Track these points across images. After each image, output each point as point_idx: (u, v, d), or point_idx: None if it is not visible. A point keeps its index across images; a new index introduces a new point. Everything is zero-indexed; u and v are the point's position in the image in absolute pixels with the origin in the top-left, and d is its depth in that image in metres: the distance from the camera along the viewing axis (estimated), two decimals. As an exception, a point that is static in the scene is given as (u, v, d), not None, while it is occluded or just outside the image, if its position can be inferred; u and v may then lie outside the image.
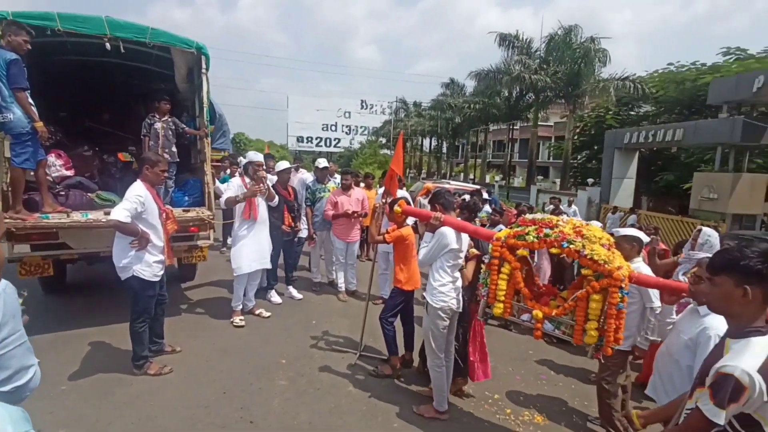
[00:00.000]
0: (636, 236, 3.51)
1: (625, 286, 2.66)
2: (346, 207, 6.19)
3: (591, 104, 24.88)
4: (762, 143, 13.47)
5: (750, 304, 1.53)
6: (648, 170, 20.08)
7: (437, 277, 3.34)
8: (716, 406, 1.48)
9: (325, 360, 4.45)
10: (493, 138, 45.00)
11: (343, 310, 6.05)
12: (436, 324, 3.34)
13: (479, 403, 3.95)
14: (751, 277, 1.51)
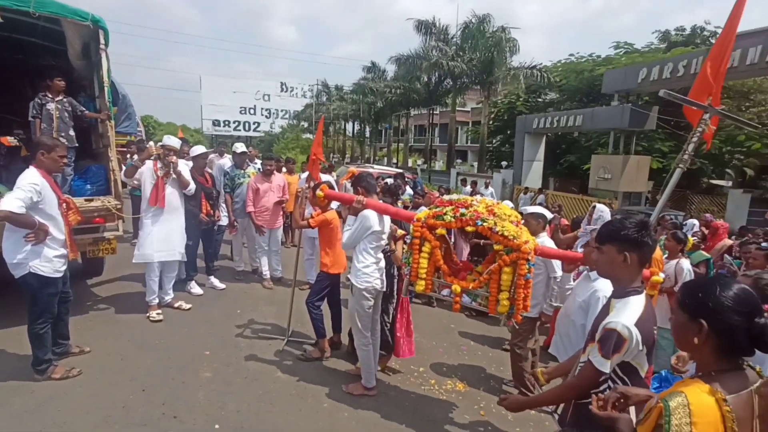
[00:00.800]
0: (541, 213, 3.86)
1: (531, 258, 2.93)
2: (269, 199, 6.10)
3: (503, 91, 26.33)
4: (646, 128, 15.24)
5: (629, 268, 1.79)
6: (554, 153, 21.85)
7: (361, 259, 3.43)
8: (603, 357, 1.73)
9: (252, 348, 4.39)
10: (415, 122, 45.99)
11: (268, 297, 5.95)
12: (362, 304, 3.44)
13: (405, 377, 4.16)
14: (630, 245, 1.77)
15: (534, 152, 19.51)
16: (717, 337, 1.24)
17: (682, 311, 1.33)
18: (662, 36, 21.73)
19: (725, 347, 1.25)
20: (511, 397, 2.05)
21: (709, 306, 1.25)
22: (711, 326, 1.24)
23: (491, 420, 3.59)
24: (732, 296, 1.24)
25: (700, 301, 1.28)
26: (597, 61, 21.36)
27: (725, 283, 1.29)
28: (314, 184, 3.90)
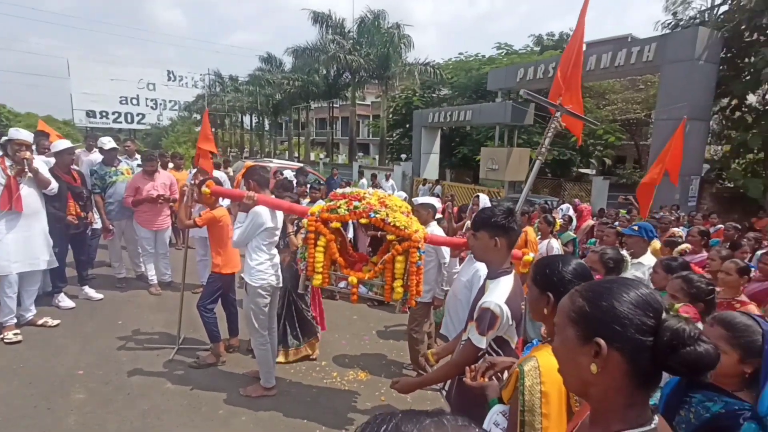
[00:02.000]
0: (430, 204, 4.06)
1: (421, 246, 3.08)
2: (150, 192, 5.54)
3: (400, 86, 27.18)
4: (525, 123, 16.82)
5: (499, 252, 1.97)
6: (449, 146, 23.17)
7: (254, 257, 3.31)
8: (480, 335, 1.88)
9: (136, 362, 4.01)
10: (316, 116, 45.45)
11: (156, 304, 5.48)
12: (257, 303, 3.33)
13: (307, 372, 4.13)
14: (499, 230, 1.94)
15: (431, 145, 20.47)
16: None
17: (534, 286, 1.50)
18: (536, 40, 24.13)
19: None
20: (402, 380, 2.15)
21: (553, 280, 1.43)
22: (556, 297, 1.41)
23: (391, 403, 3.72)
24: (570, 270, 1.44)
25: (547, 276, 1.45)
26: (482, 60, 23.05)
27: (566, 260, 1.48)
28: (199, 180, 3.65)
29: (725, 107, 13.90)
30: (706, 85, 11.72)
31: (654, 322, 0.82)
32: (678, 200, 11.22)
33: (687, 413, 1.70)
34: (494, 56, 23.01)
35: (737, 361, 1.59)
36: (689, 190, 11.95)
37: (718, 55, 11.92)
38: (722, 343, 1.61)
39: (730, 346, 1.60)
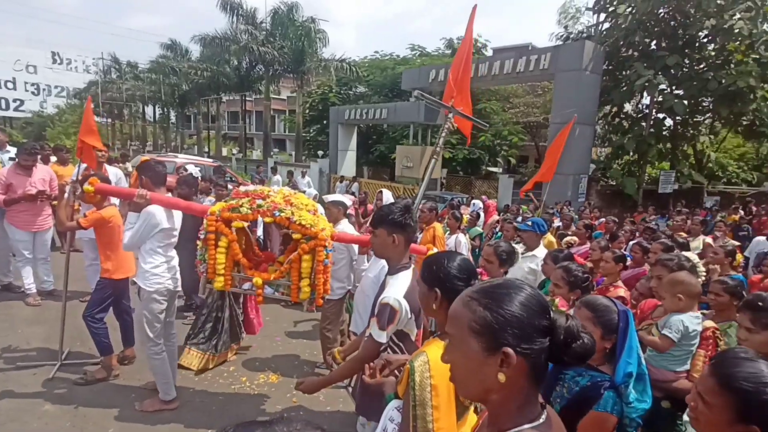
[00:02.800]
0: (341, 201, 4.07)
1: (328, 244, 3.07)
2: (27, 189, 4.88)
3: (317, 82, 26.82)
4: (438, 122, 17.52)
5: (398, 248, 2.03)
6: (366, 143, 23.39)
7: (149, 260, 3.07)
8: (380, 330, 1.92)
9: (6, 383, 3.52)
10: (228, 109, 43.23)
11: (34, 316, 4.86)
12: (152, 309, 3.09)
13: (213, 380, 3.93)
14: (396, 227, 2.00)
15: (347, 142, 20.50)
16: (448, 301, 1.40)
17: (422, 282, 1.56)
18: (447, 43, 25.17)
19: None
20: (306, 380, 2.12)
21: (440, 276, 1.50)
22: (443, 293, 1.48)
23: (304, 404, 3.68)
24: (455, 266, 1.52)
25: (434, 272, 1.52)
26: (397, 60, 23.58)
27: (451, 257, 1.57)
28: (82, 177, 3.29)
29: (607, 114, 15.66)
30: (592, 93, 13.11)
31: (548, 322, 0.86)
32: (570, 196, 12.44)
33: (561, 388, 1.89)
34: (408, 57, 23.65)
35: (600, 338, 1.80)
36: (579, 187, 13.30)
37: (601, 67, 13.39)
38: (588, 322, 1.82)
39: (593, 325, 1.80)
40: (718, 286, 3.00)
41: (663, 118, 14.69)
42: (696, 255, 4.06)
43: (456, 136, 20.38)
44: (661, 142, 14.64)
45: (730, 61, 12.87)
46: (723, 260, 4.55)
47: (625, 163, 15.67)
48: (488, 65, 14.37)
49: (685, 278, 2.45)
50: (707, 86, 12.55)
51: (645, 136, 13.72)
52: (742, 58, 12.62)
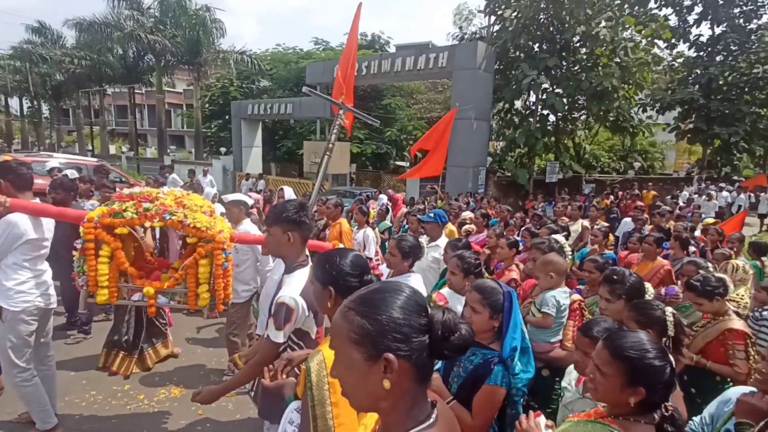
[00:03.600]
0: (241, 200, 3.91)
1: (227, 247, 2.93)
2: None
3: (216, 74, 25.32)
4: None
5: (293, 246, 2.00)
6: (272, 139, 22.65)
7: (13, 276, 2.67)
8: (277, 330, 1.88)
9: None
10: (114, 102, 39.11)
11: None
12: (18, 331, 2.70)
13: (105, 402, 3.57)
14: (291, 225, 1.97)
15: (252, 138, 19.69)
16: (342, 299, 1.47)
17: (315, 281, 1.57)
18: (352, 38, 25.28)
19: None
20: (203, 390, 2.02)
21: (333, 274, 1.52)
22: (336, 291, 1.50)
23: (211, 416, 3.50)
24: (348, 263, 1.55)
25: (326, 271, 1.54)
26: (300, 54, 23.13)
27: (343, 254, 1.59)
28: None
29: (500, 110, 16.92)
30: (486, 90, 14.06)
31: (426, 320, 0.86)
32: (470, 188, 13.27)
33: (458, 369, 2.03)
34: (312, 51, 23.30)
35: (488, 318, 1.96)
36: (478, 179, 14.22)
37: (493, 66, 14.40)
38: (477, 304, 1.97)
39: (482, 306, 1.95)
40: (590, 264, 3.41)
41: (547, 114, 16.26)
42: (562, 237, 4.53)
43: (363, 131, 20.63)
44: (547, 136, 16.19)
45: (598, 64, 14.62)
46: (599, 240, 5.16)
47: (517, 156, 17.08)
48: (391, 62, 14.70)
49: (555, 258, 2.77)
50: (581, 86, 14.14)
51: (533, 131, 15.07)
52: (607, 62, 14.42)
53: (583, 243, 6.12)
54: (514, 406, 1.96)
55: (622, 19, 14.36)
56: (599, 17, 13.81)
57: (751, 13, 20.83)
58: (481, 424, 1.86)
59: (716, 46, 20.89)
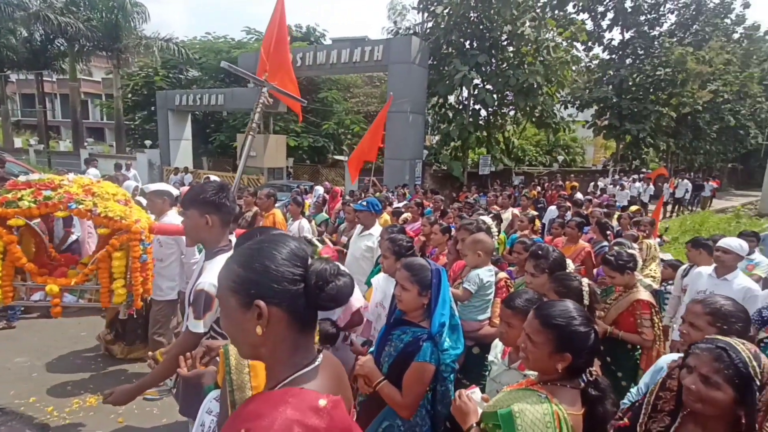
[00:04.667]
0: (165, 190, 3.65)
1: (146, 238, 2.73)
2: None
3: (139, 63, 23.57)
4: (279, 110, 17.07)
5: (213, 230, 1.89)
6: (204, 132, 21.52)
7: None
8: (196, 319, 1.77)
9: None
10: (20, 90, 35.12)
11: None
12: None
13: (5, 418, 3.20)
14: (209, 207, 1.86)
15: (181, 131, 18.59)
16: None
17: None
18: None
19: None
20: (116, 390, 1.86)
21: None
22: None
23: (133, 423, 3.26)
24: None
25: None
26: (232, 43, 22.14)
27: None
28: None
29: (435, 105, 17.30)
30: (421, 85, 14.29)
31: (302, 270, 0.88)
32: (408, 180, 13.46)
33: (389, 347, 2.03)
34: (244, 41, 22.37)
35: (417, 294, 1.97)
36: (415, 171, 14.46)
37: (426, 61, 14.67)
38: (406, 282, 1.97)
39: (411, 283, 1.96)
40: (519, 246, 3.59)
41: (479, 109, 16.87)
42: (489, 218, 4.76)
43: (300, 125, 20.21)
44: (479, 131, 16.80)
45: (524, 62, 15.38)
46: (527, 227, 5.46)
47: (452, 149, 17.58)
48: (326, 53, 14.49)
49: (483, 238, 2.87)
50: (509, 82, 14.81)
51: (466, 125, 15.57)
52: (532, 60, 15.21)
53: (514, 230, 6.46)
54: (443, 382, 2.00)
55: (544, 20, 15.21)
56: (524, 17, 14.51)
57: (654, 21, 23.01)
58: (411, 401, 1.87)
59: (626, 49, 22.82)
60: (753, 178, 30.43)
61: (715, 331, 1.76)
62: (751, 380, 1.26)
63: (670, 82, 20.24)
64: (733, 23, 28.88)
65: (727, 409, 1.29)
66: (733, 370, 1.27)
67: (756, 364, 1.28)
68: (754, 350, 1.32)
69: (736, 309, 1.82)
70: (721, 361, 1.29)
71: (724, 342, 1.34)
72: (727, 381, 1.27)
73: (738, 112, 26.08)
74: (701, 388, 1.31)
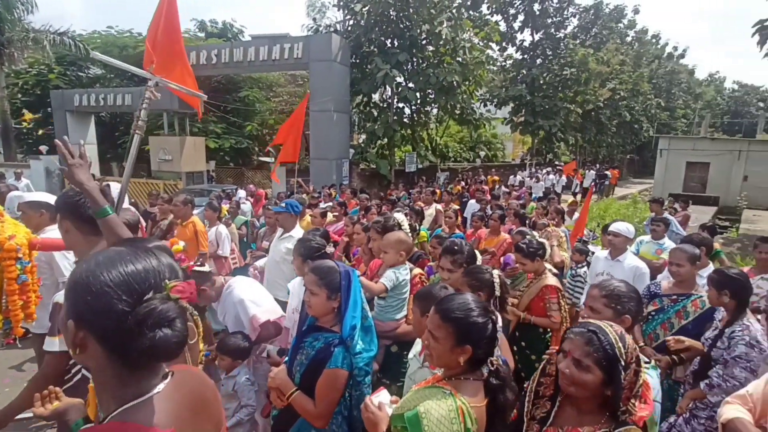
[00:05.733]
0: (43, 202, 3.23)
1: (23, 256, 2.40)
2: None
3: (29, 59, 21.07)
4: (194, 111, 16.16)
5: (71, 236, 1.73)
6: (112, 135, 19.77)
7: None
8: (50, 337, 1.58)
9: None
10: None
11: None
12: None
13: None
14: (64, 212, 1.70)
15: (83, 134, 16.92)
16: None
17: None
18: (200, 25, 23.32)
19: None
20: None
21: None
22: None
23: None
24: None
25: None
26: (139, 38, 20.54)
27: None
28: None
29: (360, 103, 17.32)
30: (344, 83, 14.23)
31: (129, 305, 0.77)
32: (335, 180, 13.34)
33: (301, 356, 1.95)
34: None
35: (326, 298, 1.90)
36: (342, 171, 14.37)
37: (348, 59, 14.62)
38: (314, 286, 1.90)
39: (318, 287, 1.89)
40: (434, 241, 3.65)
41: (402, 107, 17.16)
42: (402, 217, 4.84)
43: (221, 125, 19.26)
44: (404, 129, 17.09)
45: (443, 61, 15.88)
46: (453, 222, 5.61)
47: (378, 148, 17.71)
48: (243, 51, 13.92)
49: (405, 237, 2.87)
50: (429, 81, 15.21)
51: (391, 123, 15.76)
52: (450, 60, 15.74)
53: (438, 225, 6.62)
54: (358, 387, 1.95)
55: (460, 21, 15.79)
56: (440, 17, 14.96)
57: (559, 24, 24.87)
58: (324, 411, 1.81)
59: (536, 50, 24.44)
60: (647, 167, 34.07)
61: (611, 312, 1.87)
62: (617, 361, 1.30)
63: (576, 81, 22.02)
64: (625, 27, 32.09)
65: (597, 390, 1.33)
66: (601, 352, 1.31)
67: (621, 345, 1.33)
68: (620, 332, 1.38)
69: (628, 290, 1.96)
70: (592, 344, 1.33)
71: (595, 325, 1.39)
72: (596, 363, 1.31)
73: (632, 108, 29.08)
74: (574, 371, 1.34)
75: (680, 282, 2.85)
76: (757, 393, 1.69)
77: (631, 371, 1.33)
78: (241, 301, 2.54)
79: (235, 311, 2.56)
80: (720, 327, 2.45)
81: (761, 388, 1.68)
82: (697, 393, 2.43)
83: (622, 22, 31.50)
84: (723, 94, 50.28)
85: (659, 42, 36.92)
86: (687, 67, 41.18)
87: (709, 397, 2.35)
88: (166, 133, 16.15)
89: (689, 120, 37.80)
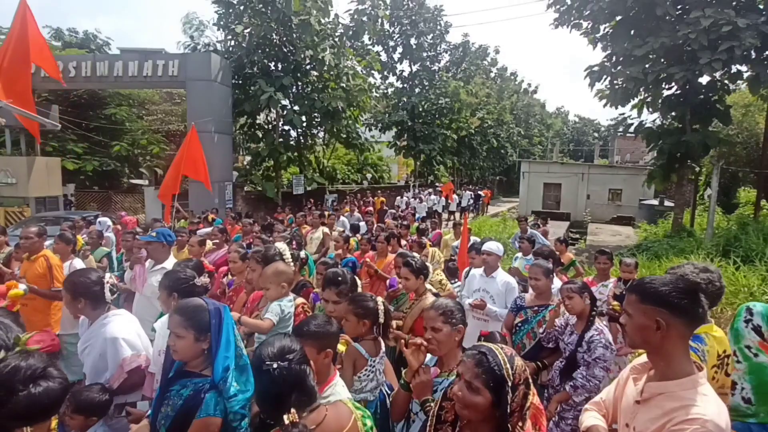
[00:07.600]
0: None
1: None
2: None
3: None
4: (48, 128, 14.08)
5: None
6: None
7: None
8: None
9: None
10: None
11: None
12: None
13: None
14: None
15: None
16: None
17: None
18: (56, 34, 20.64)
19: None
20: None
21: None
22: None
23: None
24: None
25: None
26: None
27: None
28: None
29: (243, 124, 16.77)
30: (224, 103, 13.68)
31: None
32: (218, 204, 12.62)
33: (166, 408, 1.78)
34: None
35: (194, 341, 1.76)
36: (225, 194, 13.68)
37: (230, 79, 14.14)
38: (179, 328, 1.76)
39: (184, 329, 1.75)
40: (321, 267, 3.65)
41: (289, 129, 17.02)
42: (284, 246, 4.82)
43: (82, 145, 17.02)
44: (290, 151, 16.92)
45: (327, 87, 16.20)
46: (343, 246, 5.61)
47: (264, 170, 17.25)
48: (109, 64, 12.62)
49: (284, 268, 2.80)
50: (314, 105, 15.38)
51: (276, 145, 15.49)
52: (334, 86, 16.13)
53: (326, 248, 6.60)
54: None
55: (343, 49, 16.34)
56: (324, 44, 15.32)
57: (433, 58, 27.17)
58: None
59: (414, 80, 26.27)
60: (513, 188, 38.32)
61: (449, 328, 1.96)
62: (504, 382, 1.32)
63: (450, 110, 24.12)
64: (489, 65, 36.18)
65: (487, 412, 1.34)
66: (489, 374, 1.33)
67: (509, 366, 1.35)
68: (510, 353, 1.40)
69: (455, 305, 2.08)
70: (481, 365, 1.35)
71: (486, 347, 1.41)
72: (484, 384, 1.33)
73: (498, 135, 32.73)
74: (466, 393, 1.35)
75: (539, 294, 3.22)
76: (609, 398, 1.77)
77: (520, 393, 1.35)
78: (115, 340, 2.25)
79: (102, 349, 2.26)
80: (578, 332, 2.77)
81: (611, 393, 1.77)
82: (563, 395, 2.71)
83: (486, 59, 35.50)
84: (568, 125, 59.25)
85: (517, 79, 42.27)
86: (539, 101, 47.73)
87: (574, 397, 2.64)
88: (9, 153, 13.78)
89: (544, 146, 43.88)
